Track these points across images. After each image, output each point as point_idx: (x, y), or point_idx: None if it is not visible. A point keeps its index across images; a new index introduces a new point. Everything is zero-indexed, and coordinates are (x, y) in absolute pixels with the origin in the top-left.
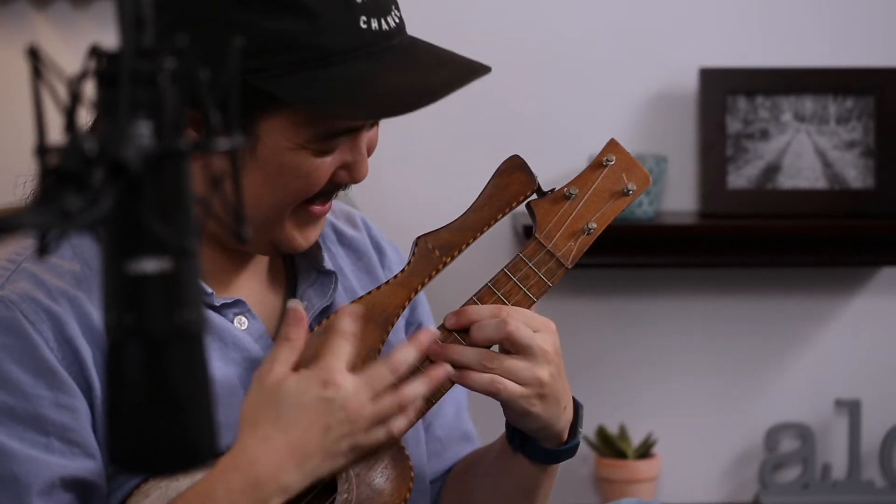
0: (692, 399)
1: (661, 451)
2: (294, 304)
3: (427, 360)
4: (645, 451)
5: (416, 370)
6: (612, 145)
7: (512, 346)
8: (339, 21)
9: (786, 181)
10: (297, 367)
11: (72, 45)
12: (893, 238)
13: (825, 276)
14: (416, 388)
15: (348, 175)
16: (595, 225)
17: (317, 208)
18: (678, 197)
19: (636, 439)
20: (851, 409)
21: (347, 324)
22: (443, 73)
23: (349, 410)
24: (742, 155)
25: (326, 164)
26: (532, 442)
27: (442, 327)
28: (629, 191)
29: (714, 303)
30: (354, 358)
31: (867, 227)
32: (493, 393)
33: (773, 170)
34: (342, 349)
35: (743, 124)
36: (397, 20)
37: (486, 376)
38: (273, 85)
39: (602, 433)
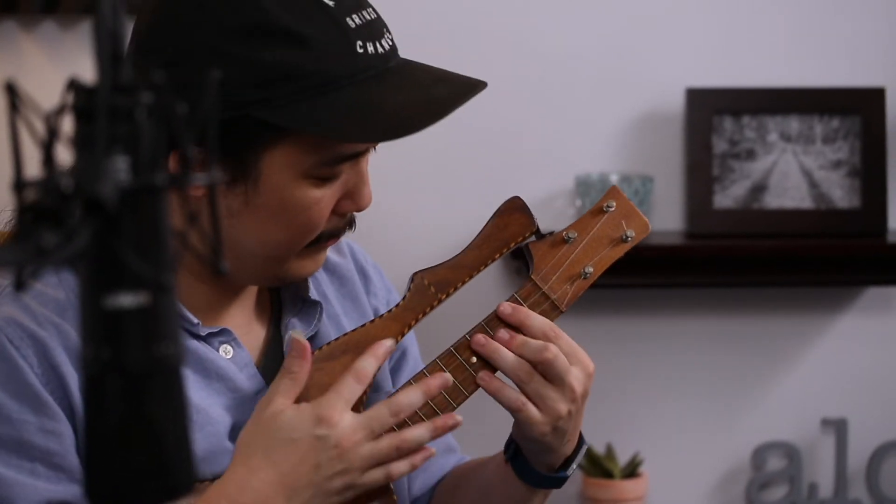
0: (679, 418)
1: (648, 470)
2: (296, 335)
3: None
4: (632, 471)
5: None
6: (614, 192)
7: (544, 371)
8: (337, 47)
9: (772, 201)
10: (298, 400)
11: (59, 66)
12: (879, 258)
13: (811, 296)
14: (418, 433)
15: (352, 203)
16: (591, 269)
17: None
18: (664, 217)
19: (623, 459)
20: (838, 427)
21: (369, 364)
22: (443, 90)
23: (342, 449)
24: (728, 175)
25: (328, 196)
26: (523, 459)
27: (487, 322)
28: (628, 237)
29: (700, 322)
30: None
31: (853, 246)
32: (514, 411)
33: (759, 190)
34: (349, 388)
35: (729, 144)
36: (390, 42)
37: (517, 398)
38: (278, 115)
39: (589, 453)
